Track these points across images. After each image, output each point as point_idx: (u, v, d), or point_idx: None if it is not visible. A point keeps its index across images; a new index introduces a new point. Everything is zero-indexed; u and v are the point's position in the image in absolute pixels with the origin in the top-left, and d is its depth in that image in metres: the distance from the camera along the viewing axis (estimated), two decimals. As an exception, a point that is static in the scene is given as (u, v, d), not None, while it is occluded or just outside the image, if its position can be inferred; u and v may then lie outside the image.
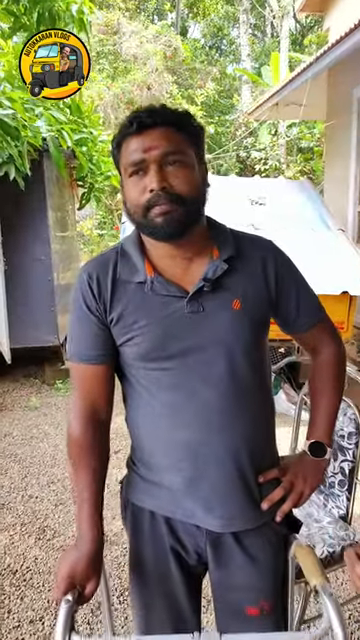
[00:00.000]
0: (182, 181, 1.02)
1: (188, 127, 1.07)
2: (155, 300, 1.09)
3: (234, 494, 1.12)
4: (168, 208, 1.01)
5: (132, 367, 1.14)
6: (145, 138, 1.02)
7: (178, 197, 1.02)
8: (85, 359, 1.14)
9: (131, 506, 1.21)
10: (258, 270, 1.13)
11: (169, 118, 1.04)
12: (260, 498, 1.15)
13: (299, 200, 5.23)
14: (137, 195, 1.03)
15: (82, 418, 1.16)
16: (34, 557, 2.42)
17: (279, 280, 1.15)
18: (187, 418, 1.10)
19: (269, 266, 1.14)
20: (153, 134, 1.02)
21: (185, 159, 1.04)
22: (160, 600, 1.19)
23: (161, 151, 1.01)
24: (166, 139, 1.02)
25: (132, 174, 1.03)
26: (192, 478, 1.11)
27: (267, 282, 1.13)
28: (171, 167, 1.02)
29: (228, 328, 1.09)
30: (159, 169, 1.01)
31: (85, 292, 1.12)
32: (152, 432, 1.14)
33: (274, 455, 1.23)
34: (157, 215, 1.02)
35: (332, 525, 1.75)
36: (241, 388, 1.11)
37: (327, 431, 1.23)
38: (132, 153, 1.02)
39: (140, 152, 1.01)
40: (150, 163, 1.01)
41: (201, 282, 1.07)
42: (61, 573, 1.05)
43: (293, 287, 1.17)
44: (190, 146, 1.06)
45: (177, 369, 1.09)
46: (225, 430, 1.10)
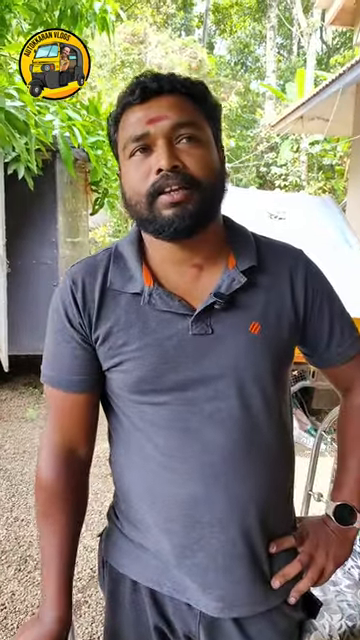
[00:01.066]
0: (197, 160, 0.79)
1: (204, 98, 0.84)
2: (153, 317, 0.85)
3: (238, 568, 0.87)
4: (180, 197, 0.78)
5: (119, 398, 0.91)
6: (150, 107, 0.79)
7: (192, 179, 0.79)
8: (64, 385, 0.91)
9: (109, 569, 0.97)
10: (284, 286, 0.90)
11: (180, 85, 0.82)
12: (271, 573, 0.90)
13: (320, 216, 5.01)
14: (140, 179, 0.80)
15: (55, 458, 0.93)
16: (11, 592, 2.18)
17: (309, 299, 0.91)
18: (184, 467, 0.86)
19: (298, 281, 0.91)
20: (161, 102, 0.80)
21: (200, 134, 0.81)
22: None
23: (171, 122, 0.79)
24: (177, 108, 0.80)
25: (133, 153, 0.81)
26: (185, 544, 0.87)
27: (294, 301, 0.90)
28: (183, 143, 0.79)
29: (242, 357, 0.85)
30: (169, 144, 0.78)
31: (67, 302, 0.89)
32: (139, 481, 0.90)
33: (290, 517, 0.98)
34: (166, 206, 0.79)
35: (351, 590, 1.49)
36: (255, 433, 0.87)
37: (357, 492, 0.98)
38: (133, 126, 0.80)
39: (143, 124, 0.79)
40: (157, 138, 0.79)
41: (212, 297, 0.84)
42: None
43: (326, 309, 0.93)
44: (206, 120, 0.83)
45: (175, 405, 0.85)
46: (231, 485, 0.85)
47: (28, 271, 4.34)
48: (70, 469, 0.93)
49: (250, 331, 0.86)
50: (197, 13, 20.17)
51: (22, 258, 4.27)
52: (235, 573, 0.87)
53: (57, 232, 4.41)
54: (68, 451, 0.94)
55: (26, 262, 4.31)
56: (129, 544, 0.94)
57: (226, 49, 21.33)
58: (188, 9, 19.62)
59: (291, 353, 0.94)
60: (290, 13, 16.73)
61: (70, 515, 0.93)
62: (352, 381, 1.00)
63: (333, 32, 16.57)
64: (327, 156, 11.78)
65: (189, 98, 0.82)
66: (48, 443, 0.95)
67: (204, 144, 0.81)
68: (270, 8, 15.36)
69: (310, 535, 0.96)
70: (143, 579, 0.91)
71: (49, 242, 4.39)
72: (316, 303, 0.92)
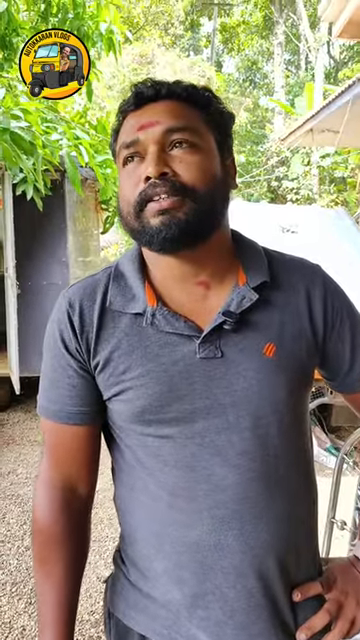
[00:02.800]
0: (191, 167, 0.73)
1: (207, 103, 0.78)
2: (156, 339, 0.78)
3: (257, 621, 0.78)
4: (168, 204, 0.71)
5: (122, 430, 0.83)
6: (143, 113, 0.74)
7: (184, 187, 0.72)
8: (60, 417, 0.83)
9: (115, 621, 0.88)
10: (301, 303, 0.82)
11: (178, 89, 0.76)
12: (295, 625, 0.81)
13: (334, 229, 4.93)
14: (130, 189, 0.74)
15: (53, 498, 0.85)
16: (22, 627, 2.09)
17: (328, 318, 0.83)
18: (191, 507, 0.77)
19: (315, 299, 0.83)
20: (155, 108, 0.74)
21: (197, 140, 0.74)
22: None
23: (163, 127, 0.72)
24: (172, 113, 0.74)
25: (125, 161, 0.75)
26: (197, 594, 0.78)
27: (312, 320, 0.82)
28: (177, 149, 0.73)
29: (256, 382, 0.77)
30: (159, 151, 0.72)
31: (63, 326, 0.82)
32: (145, 522, 0.82)
33: (315, 558, 0.89)
34: (153, 214, 0.72)
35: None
36: (271, 468, 0.78)
37: None
38: (125, 133, 0.75)
39: (134, 130, 0.73)
40: (148, 144, 0.72)
41: (220, 317, 0.76)
42: None
43: (348, 329, 0.85)
44: (207, 127, 0.77)
45: (181, 438, 0.78)
46: (245, 527, 0.77)
47: (38, 292, 4.30)
48: (69, 510, 0.86)
49: (264, 354, 0.78)
50: (205, 33, 20.43)
51: (32, 279, 4.24)
52: (254, 627, 0.78)
53: (67, 252, 4.38)
54: (67, 490, 0.86)
55: (36, 283, 4.28)
56: (136, 593, 0.85)
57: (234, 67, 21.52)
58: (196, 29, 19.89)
59: (310, 378, 0.86)
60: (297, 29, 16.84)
61: (69, 563, 0.85)
62: None
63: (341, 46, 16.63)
64: (339, 169, 11.72)
65: (189, 103, 0.76)
66: (44, 481, 0.87)
67: (201, 151, 0.74)
68: (277, 25, 15.49)
69: (338, 580, 0.86)
70: (152, 633, 0.82)
71: (59, 262, 4.36)
72: (337, 323, 0.84)
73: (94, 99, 5.40)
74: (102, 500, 2.90)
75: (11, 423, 4.46)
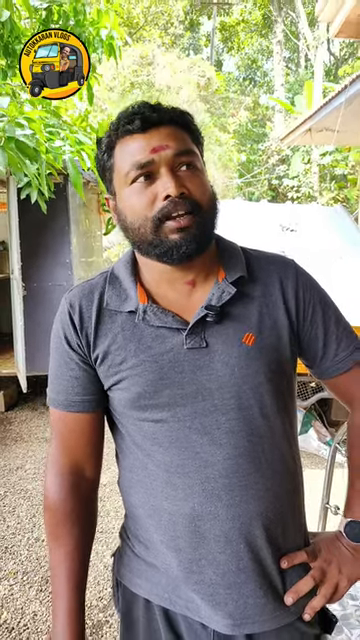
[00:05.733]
0: (198, 186, 0.83)
1: (193, 127, 0.88)
2: (148, 333, 0.88)
3: (248, 583, 0.88)
4: (187, 222, 0.81)
5: (122, 416, 0.92)
6: (152, 136, 0.82)
7: (196, 204, 0.82)
8: (66, 406, 0.93)
9: (123, 589, 0.98)
10: (276, 295, 0.91)
11: (175, 116, 0.85)
12: (283, 589, 0.90)
13: (332, 227, 5.01)
14: (145, 205, 0.83)
15: (62, 479, 0.95)
16: (33, 613, 2.19)
17: (300, 306, 0.92)
18: (186, 483, 0.87)
19: (289, 290, 0.92)
20: (162, 132, 0.83)
21: (195, 161, 0.85)
22: None
23: (173, 151, 0.82)
24: (176, 138, 0.83)
25: (135, 179, 0.83)
26: (192, 561, 0.88)
27: (287, 310, 0.91)
28: (183, 171, 0.83)
29: (238, 369, 0.86)
30: (173, 172, 0.82)
31: (65, 325, 0.92)
32: (145, 499, 0.92)
33: (302, 531, 0.98)
34: (173, 231, 0.81)
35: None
36: (257, 445, 0.88)
37: None
38: (135, 154, 0.83)
39: (147, 152, 0.82)
40: (161, 165, 0.82)
41: (203, 310, 0.86)
42: None
43: (320, 317, 0.94)
44: (196, 147, 0.87)
45: (174, 421, 0.87)
46: (233, 499, 0.86)
47: (43, 293, 4.40)
48: (77, 490, 0.95)
49: (244, 342, 0.87)
50: (204, 32, 20.48)
51: (37, 280, 4.34)
52: (244, 588, 0.87)
53: (71, 253, 4.48)
54: (74, 472, 0.95)
55: (41, 284, 4.38)
56: (140, 563, 0.94)
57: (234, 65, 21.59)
58: (195, 29, 19.95)
59: (291, 363, 0.94)
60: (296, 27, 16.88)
61: (79, 538, 0.94)
62: (353, 395, 1.00)
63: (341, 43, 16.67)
64: (339, 166, 11.78)
65: (183, 128, 0.85)
66: (54, 465, 0.96)
67: (199, 170, 0.85)
68: (276, 24, 15.53)
69: (323, 551, 0.95)
70: (155, 598, 0.92)
71: (63, 263, 4.46)
72: (309, 312, 0.93)
73: (95, 101, 5.49)
74: (109, 493, 3.00)
75: (19, 421, 4.56)
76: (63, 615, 0.90)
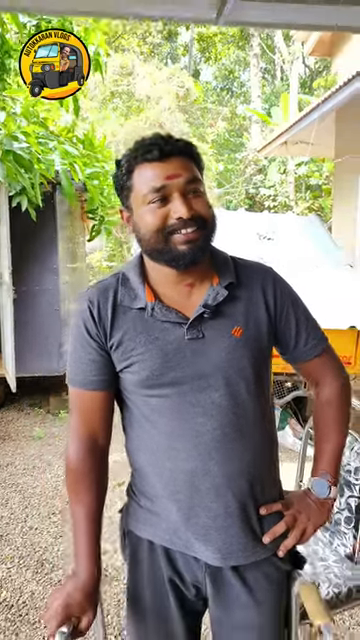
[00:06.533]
0: (203, 207, 1.04)
1: (198, 158, 1.09)
2: (155, 326, 1.08)
3: (233, 526, 1.09)
4: (194, 235, 1.02)
5: (132, 394, 1.13)
6: (167, 166, 1.02)
7: (203, 221, 1.03)
8: (85, 384, 1.12)
9: (130, 535, 1.18)
10: (258, 297, 1.13)
11: (186, 148, 1.06)
12: (261, 531, 1.12)
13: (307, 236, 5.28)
14: (157, 221, 1.02)
15: (80, 445, 1.14)
16: (31, 592, 2.36)
17: (279, 306, 1.14)
18: (185, 447, 1.07)
19: (269, 292, 1.14)
20: (175, 162, 1.02)
21: (200, 187, 1.05)
22: (157, 637, 1.15)
23: (185, 179, 1.02)
24: (186, 168, 1.03)
25: (153, 201, 1.02)
26: (189, 508, 1.09)
27: (267, 309, 1.13)
28: (191, 196, 1.03)
29: (228, 356, 1.08)
30: (184, 197, 1.02)
31: (86, 318, 1.11)
32: (150, 461, 1.12)
33: (277, 487, 1.20)
34: (182, 242, 1.01)
35: (338, 564, 1.69)
36: (241, 417, 1.09)
37: (332, 469, 1.19)
38: (153, 180, 1.02)
39: (162, 179, 1.01)
40: (173, 191, 1.01)
41: (201, 308, 1.07)
42: (56, 604, 1.03)
43: (293, 314, 1.16)
44: (200, 174, 1.07)
45: (175, 397, 1.07)
46: (224, 460, 1.07)
47: (32, 296, 4.57)
48: (93, 454, 1.14)
49: (233, 335, 1.09)
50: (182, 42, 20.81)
51: (26, 284, 4.50)
52: (230, 530, 1.09)
53: (57, 259, 4.66)
54: (91, 439, 1.14)
55: (30, 288, 4.55)
56: (145, 513, 1.15)
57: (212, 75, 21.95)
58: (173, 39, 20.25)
59: (269, 352, 1.16)
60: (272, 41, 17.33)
61: (95, 491, 1.14)
62: (319, 376, 1.23)
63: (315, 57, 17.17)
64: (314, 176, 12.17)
65: (190, 158, 1.06)
66: (74, 434, 1.15)
67: (203, 194, 1.06)
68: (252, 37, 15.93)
69: (295, 503, 1.17)
70: (158, 539, 1.13)
71: (51, 269, 4.63)
72: (284, 309, 1.15)
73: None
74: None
75: (6, 421, 4.70)
76: (83, 554, 1.09)
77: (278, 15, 2.69)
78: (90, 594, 1.06)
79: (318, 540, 1.84)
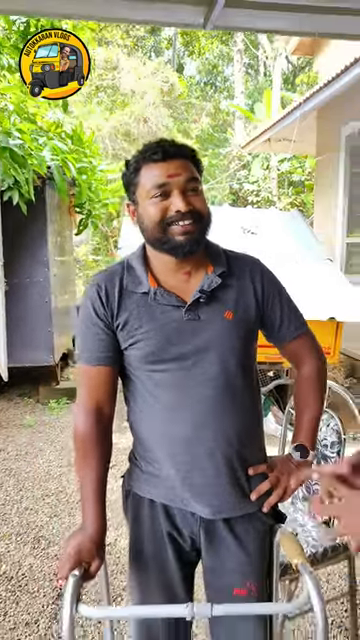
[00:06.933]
0: (199, 203, 1.19)
1: (198, 161, 1.24)
2: (157, 309, 1.23)
3: (224, 484, 1.25)
4: (191, 227, 1.17)
5: (135, 369, 1.27)
6: (169, 166, 1.17)
7: (199, 215, 1.18)
8: (93, 360, 1.27)
9: (132, 496, 1.33)
10: (247, 285, 1.28)
11: (187, 152, 1.22)
12: (249, 489, 1.28)
13: (289, 231, 5.46)
14: (158, 213, 1.17)
15: (88, 415, 1.28)
16: (29, 565, 2.50)
17: (265, 293, 1.30)
18: (183, 415, 1.23)
19: (256, 281, 1.29)
20: (176, 163, 1.18)
21: (198, 186, 1.21)
22: (157, 585, 1.30)
23: (184, 178, 1.17)
24: (186, 169, 1.18)
25: (155, 196, 1.17)
26: (186, 470, 1.24)
27: (255, 295, 1.29)
28: (190, 193, 1.18)
29: (221, 335, 1.23)
30: (184, 194, 1.17)
31: (94, 301, 1.26)
32: (152, 428, 1.27)
33: (263, 452, 1.36)
34: (179, 233, 1.16)
35: (315, 529, 1.87)
36: (232, 389, 1.25)
37: (310, 437, 1.35)
38: (156, 177, 1.17)
39: (164, 177, 1.16)
40: (173, 188, 1.16)
41: (198, 294, 1.22)
42: (68, 551, 1.17)
43: (277, 299, 1.32)
44: (199, 174, 1.23)
45: (175, 371, 1.23)
46: (217, 426, 1.23)
47: (23, 289, 4.68)
48: (99, 423, 1.28)
49: (226, 317, 1.24)
50: (166, 36, 20.83)
51: (17, 277, 4.61)
52: (223, 488, 1.25)
53: (48, 252, 4.77)
54: (96, 410, 1.28)
55: (21, 280, 4.66)
56: (146, 475, 1.30)
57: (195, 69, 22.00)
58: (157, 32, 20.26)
59: (256, 333, 1.32)
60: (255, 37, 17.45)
61: (101, 455, 1.28)
62: (300, 356, 1.39)
63: (297, 54, 17.34)
64: (296, 172, 12.37)
65: (190, 161, 1.21)
66: (81, 405, 1.29)
67: (201, 192, 1.21)
68: (236, 33, 16.02)
69: (277, 466, 1.34)
70: (157, 497, 1.28)
71: (41, 262, 4.74)
72: (270, 296, 1.30)
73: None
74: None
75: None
76: (90, 510, 1.24)
77: (262, 21, 2.86)
78: (98, 543, 1.21)
79: (298, 510, 2.01)
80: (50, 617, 2.13)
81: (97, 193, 5.54)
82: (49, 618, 2.13)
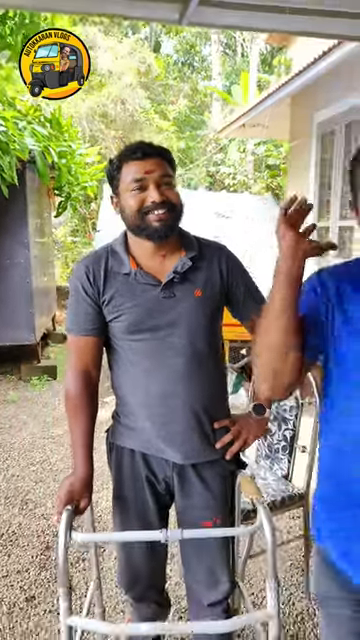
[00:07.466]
0: (172, 195, 1.40)
1: (171, 160, 1.45)
2: (137, 287, 1.44)
3: (193, 435, 1.48)
4: (165, 215, 1.37)
5: (119, 340, 1.49)
6: (146, 163, 1.38)
7: (172, 206, 1.39)
8: (81, 331, 1.48)
9: (115, 448, 1.56)
10: (214, 267, 1.50)
11: (161, 152, 1.42)
12: (214, 440, 1.51)
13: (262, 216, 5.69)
14: (136, 204, 1.38)
15: (77, 379, 1.49)
16: (18, 523, 2.72)
17: (229, 274, 1.52)
18: (157, 377, 1.45)
19: (222, 264, 1.51)
20: (152, 161, 1.38)
21: (172, 181, 1.42)
22: (137, 520, 1.54)
23: (159, 173, 1.38)
24: (160, 166, 1.39)
25: (133, 189, 1.38)
26: (161, 423, 1.47)
27: (221, 276, 1.51)
28: (164, 186, 1.39)
29: (191, 310, 1.45)
30: (158, 187, 1.37)
31: (83, 280, 1.46)
32: (132, 389, 1.50)
33: (226, 410, 1.60)
34: (155, 221, 1.37)
35: (275, 482, 2.13)
36: (198, 356, 1.47)
37: None
38: (135, 173, 1.37)
39: (142, 173, 1.37)
40: (150, 182, 1.37)
41: (172, 274, 1.44)
42: (62, 491, 1.39)
43: (240, 280, 1.54)
44: (172, 171, 1.43)
45: (152, 340, 1.45)
46: (186, 386, 1.45)
47: (4, 270, 4.82)
48: (87, 386, 1.50)
49: (196, 295, 1.46)
50: (143, 14, 20.53)
51: (0, 258, 4.75)
52: (192, 438, 1.48)
53: (28, 234, 4.90)
54: (85, 373, 1.50)
55: (2, 262, 4.80)
56: (127, 429, 1.53)
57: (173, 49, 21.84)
58: (135, 11, 19.95)
59: (221, 309, 1.55)
60: (233, 18, 17.37)
61: (89, 413, 1.49)
62: None
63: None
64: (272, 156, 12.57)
65: (165, 159, 1.41)
66: (72, 371, 1.50)
67: (173, 186, 1.42)
68: (214, 13, 15.96)
69: (239, 421, 1.57)
70: (137, 447, 1.51)
71: (22, 243, 4.88)
72: (234, 278, 1.53)
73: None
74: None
75: (-22, 387, 4.99)
76: (80, 458, 1.46)
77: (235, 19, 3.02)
78: (87, 485, 1.43)
79: (261, 467, 2.27)
80: (39, 566, 2.37)
81: (76, 176, 5.66)
82: (38, 567, 2.36)
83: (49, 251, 6.42)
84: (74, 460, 1.48)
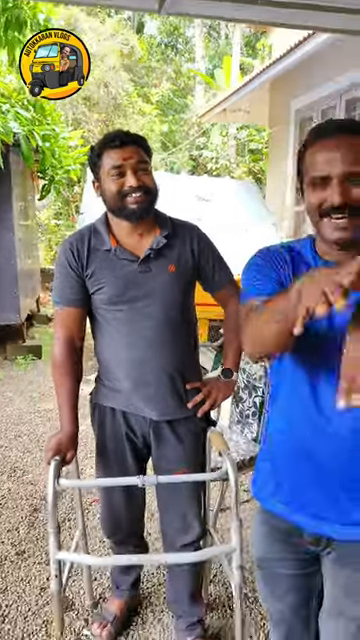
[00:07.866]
0: (147, 180, 1.55)
1: (147, 147, 1.60)
2: (117, 263, 1.61)
3: (168, 395, 1.66)
4: (141, 198, 1.53)
5: (100, 309, 1.65)
6: (124, 151, 1.53)
7: (148, 189, 1.54)
8: (67, 302, 1.65)
9: (98, 407, 1.74)
10: (187, 245, 1.67)
11: (138, 140, 1.58)
12: (187, 400, 1.70)
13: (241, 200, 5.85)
14: (116, 188, 1.53)
15: (63, 347, 1.66)
16: (8, 489, 2.90)
17: (201, 252, 1.69)
18: (136, 343, 1.62)
19: (194, 242, 1.68)
20: (130, 149, 1.53)
21: (148, 167, 1.57)
22: (118, 472, 1.72)
23: (136, 160, 1.53)
24: (137, 153, 1.54)
25: (113, 175, 1.53)
26: (138, 383, 1.64)
27: (193, 253, 1.68)
28: (141, 172, 1.54)
29: (166, 284, 1.62)
30: (135, 172, 1.52)
31: (68, 256, 1.62)
32: (112, 353, 1.67)
33: (198, 374, 1.78)
34: (132, 203, 1.53)
35: (245, 444, 2.33)
36: (172, 325, 1.64)
37: (234, 362, 1.78)
38: (114, 160, 1.52)
39: (120, 160, 1.52)
40: (127, 168, 1.52)
41: (148, 251, 1.60)
42: (51, 444, 1.57)
43: (210, 256, 1.72)
44: (148, 158, 1.59)
45: (130, 310, 1.61)
46: (161, 352, 1.63)
47: (-10, 252, 4.92)
48: (72, 352, 1.67)
49: (169, 270, 1.63)
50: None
51: (-16, 240, 4.85)
52: (166, 397, 1.66)
53: (13, 217, 5.01)
54: (70, 342, 1.67)
55: (-13, 243, 4.90)
56: (108, 390, 1.70)
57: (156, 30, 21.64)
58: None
59: (193, 283, 1.72)
60: (216, 0, 17.28)
61: (74, 378, 1.66)
62: (226, 300, 1.79)
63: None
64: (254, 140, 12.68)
65: (141, 147, 1.56)
66: (58, 340, 1.67)
67: (149, 171, 1.57)
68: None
69: (210, 383, 1.76)
70: (118, 406, 1.69)
71: (6, 226, 4.99)
72: (205, 254, 1.70)
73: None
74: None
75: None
76: (66, 417, 1.63)
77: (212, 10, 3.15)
78: (72, 439, 1.61)
79: (233, 432, 2.47)
80: (28, 525, 2.55)
81: (60, 160, 5.75)
82: (27, 526, 2.54)
83: (33, 234, 6.51)
84: (60, 420, 1.66)
